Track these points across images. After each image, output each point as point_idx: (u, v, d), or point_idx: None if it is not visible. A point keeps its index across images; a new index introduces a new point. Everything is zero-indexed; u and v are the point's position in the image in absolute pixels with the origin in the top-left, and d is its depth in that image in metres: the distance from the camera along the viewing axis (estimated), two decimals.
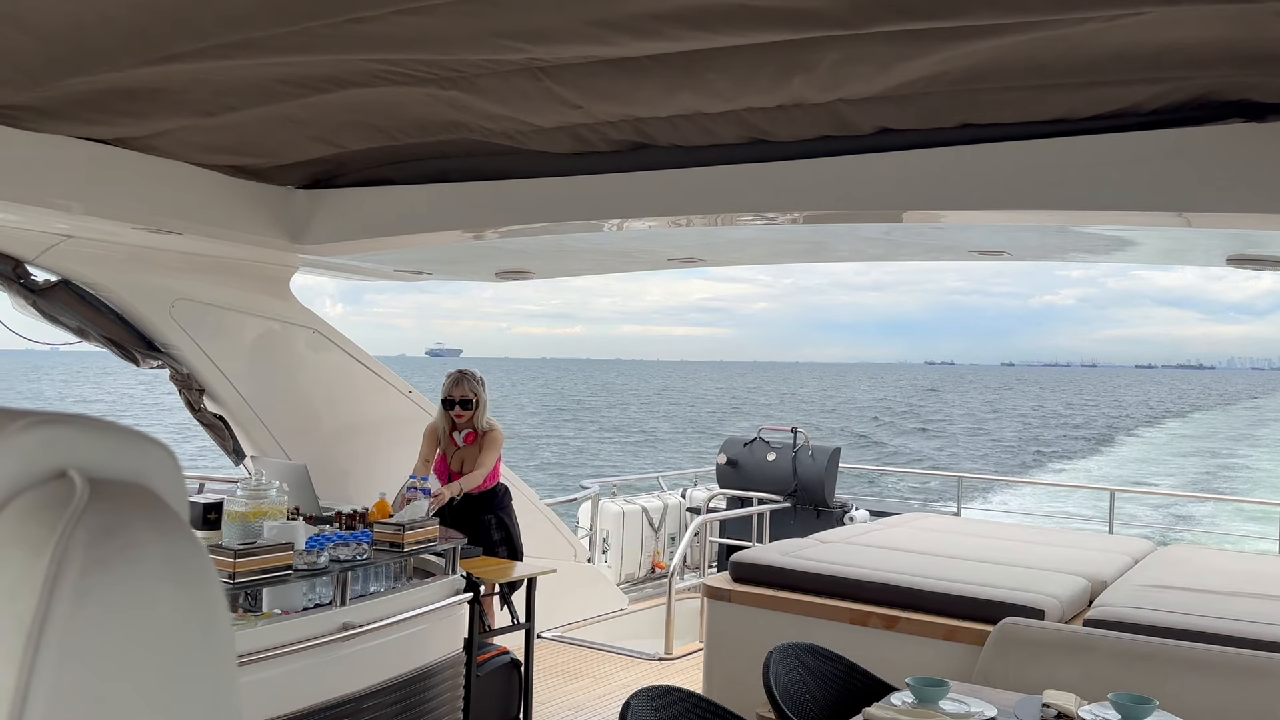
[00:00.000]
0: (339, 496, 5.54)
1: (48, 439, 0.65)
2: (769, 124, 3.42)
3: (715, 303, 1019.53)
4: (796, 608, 4.79)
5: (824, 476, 8.48)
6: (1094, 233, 3.89)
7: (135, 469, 0.68)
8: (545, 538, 6.99)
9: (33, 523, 0.60)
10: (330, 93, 3.31)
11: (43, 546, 0.58)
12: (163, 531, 0.64)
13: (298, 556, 3.82)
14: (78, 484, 0.63)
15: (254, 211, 4.61)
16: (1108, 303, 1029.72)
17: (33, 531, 0.60)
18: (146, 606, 0.60)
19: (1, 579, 0.58)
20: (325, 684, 3.75)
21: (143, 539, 0.62)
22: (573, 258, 5.46)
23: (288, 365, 5.97)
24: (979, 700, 3.20)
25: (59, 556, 0.58)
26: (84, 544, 0.59)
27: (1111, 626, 4.09)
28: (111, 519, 0.62)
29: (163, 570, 0.62)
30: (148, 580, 0.60)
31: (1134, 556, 5.56)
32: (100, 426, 0.68)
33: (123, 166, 4.00)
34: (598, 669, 6.26)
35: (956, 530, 6.34)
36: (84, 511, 0.61)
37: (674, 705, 3.07)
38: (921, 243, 4.33)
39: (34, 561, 0.58)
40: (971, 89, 3.02)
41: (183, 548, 0.64)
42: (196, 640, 0.62)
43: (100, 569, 0.59)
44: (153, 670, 0.59)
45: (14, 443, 0.64)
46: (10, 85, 3.20)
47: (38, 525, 0.60)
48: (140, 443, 0.70)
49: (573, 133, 3.68)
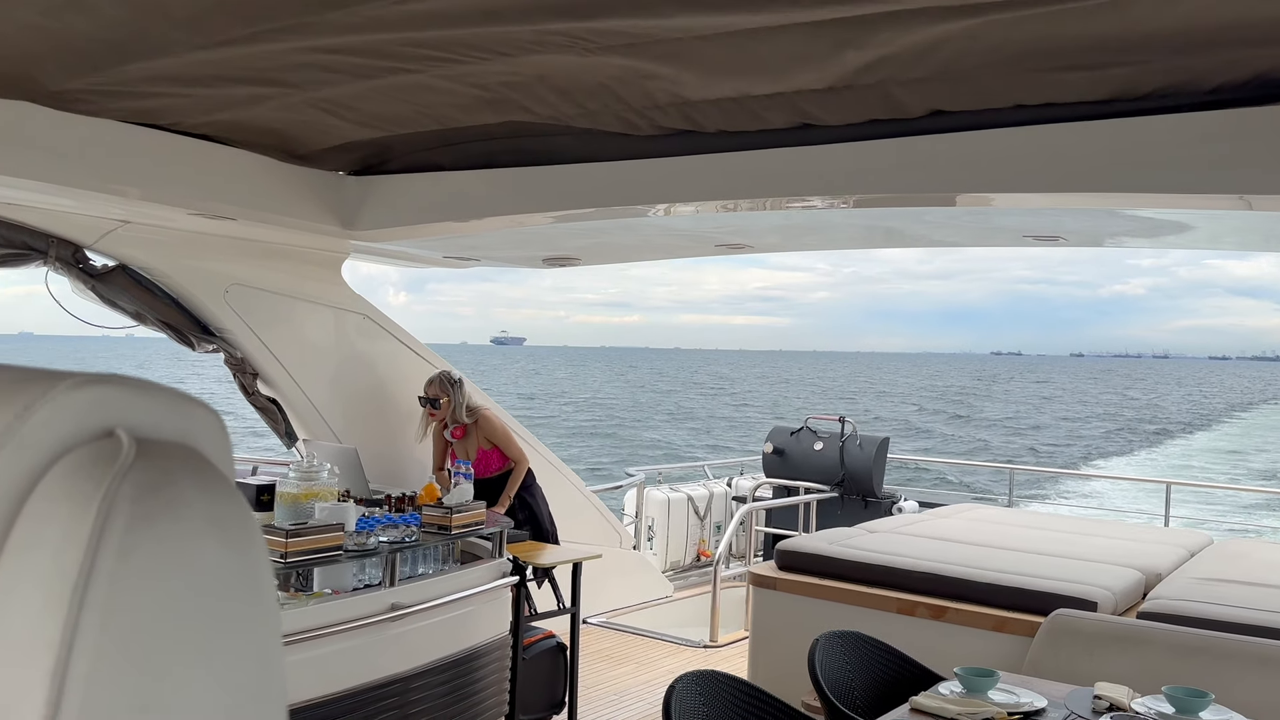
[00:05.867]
0: (389, 481, 5.60)
1: (96, 398, 0.66)
2: (818, 107, 3.38)
3: (774, 291, 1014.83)
4: (843, 596, 4.76)
5: (872, 466, 8.40)
6: (1150, 217, 3.81)
7: (182, 430, 0.69)
8: (591, 524, 7.02)
9: (80, 478, 0.61)
10: (380, 77, 3.34)
11: (88, 501, 0.59)
12: (208, 490, 0.64)
13: (348, 537, 3.88)
14: (124, 442, 0.63)
15: (306, 197, 4.67)
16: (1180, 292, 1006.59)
17: (79, 487, 0.60)
18: (191, 563, 0.60)
19: (48, 533, 0.59)
20: (374, 663, 3.80)
21: (188, 497, 0.63)
22: (620, 244, 5.46)
23: (339, 350, 6.04)
24: (1029, 691, 3.16)
25: (105, 511, 0.59)
26: (129, 499, 0.60)
27: (1166, 619, 4.01)
28: (157, 476, 0.62)
29: (207, 528, 0.62)
30: (192, 537, 0.61)
31: (1190, 550, 5.44)
32: (148, 387, 0.69)
33: (178, 152, 4.07)
34: (643, 655, 6.28)
35: (1007, 521, 6.26)
36: (130, 468, 0.61)
37: (719, 690, 3.07)
38: (974, 227, 4.26)
39: (80, 516, 0.59)
40: (1024, 68, 2.96)
41: (228, 507, 0.65)
42: (241, 599, 0.63)
43: (145, 525, 0.59)
44: (196, 626, 0.60)
45: (63, 401, 0.65)
46: (70, 71, 3.27)
47: (84, 480, 0.61)
48: (187, 405, 0.70)
49: (620, 117, 3.67)
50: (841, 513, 8.15)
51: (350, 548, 3.86)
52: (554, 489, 6.28)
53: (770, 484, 8.79)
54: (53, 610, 0.56)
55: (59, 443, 0.63)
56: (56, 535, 0.58)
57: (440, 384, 5.79)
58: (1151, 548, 5.36)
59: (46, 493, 0.61)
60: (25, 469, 0.62)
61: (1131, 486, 23.78)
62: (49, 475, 0.62)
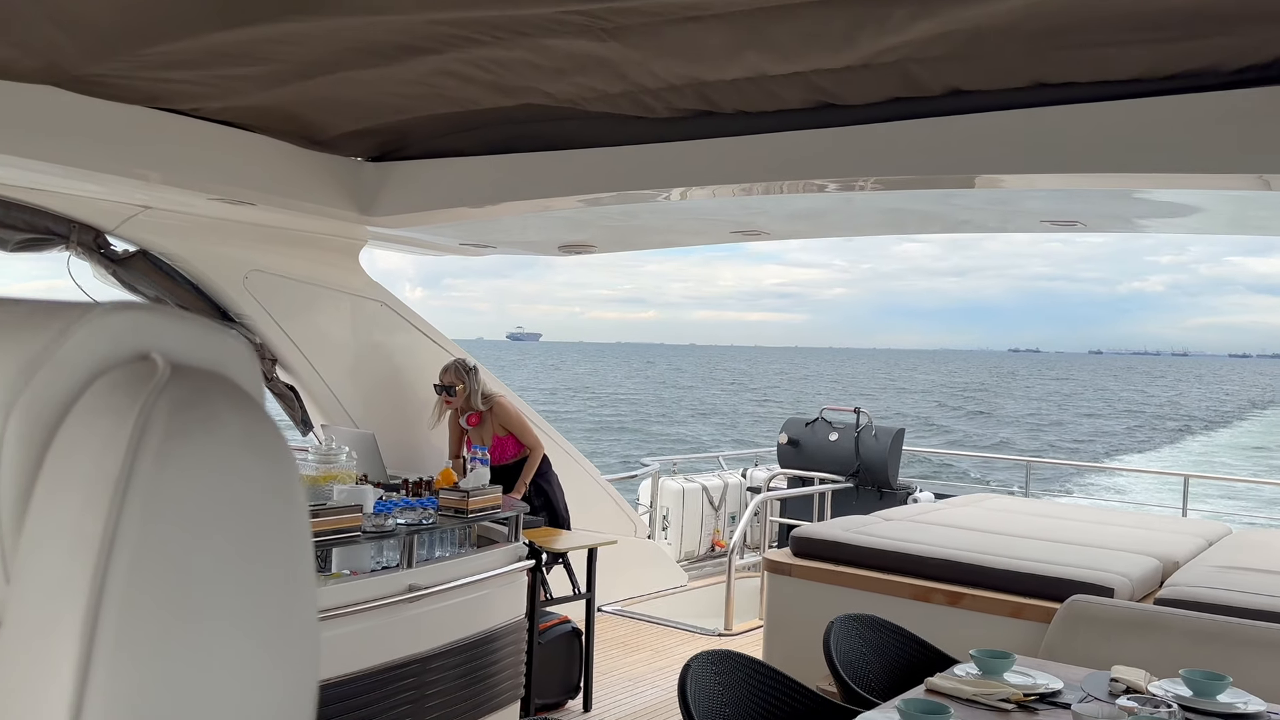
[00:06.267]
0: (406, 467, 5.63)
1: (132, 322, 0.67)
2: (836, 86, 3.37)
3: (790, 288, 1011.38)
4: (858, 583, 4.76)
5: (887, 457, 8.38)
6: (1170, 200, 3.79)
7: (214, 358, 0.70)
8: (606, 513, 7.04)
9: (117, 394, 0.63)
10: (399, 60, 3.36)
11: (126, 414, 0.61)
12: (242, 410, 0.66)
13: (366, 519, 3.91)
14: (159, 364, 0.65)
15: (324, 183, 4.70)
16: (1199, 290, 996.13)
17: (117, 401, 0.62)
18: (226, 474, 0.62)
19: (88, 442, 0.61)
20: (392, 644, 3.83)
21: (222, 413, 0.64)
22: (635, 230, 5.47)
23: (357, 337, 6.08)
24: (1044, 673, 3.16)
25: (142, 422, 0.60)
26: (166, 412, 0.61)
27: (1183, 606, 3.99)
28: (192, 394, 0.64)
29: (242, 442, 0.64)
30: (227, 449, 0.63)
31: (1208, 539, 5.42)
32: (181, 315, 0.70)
33: (198, 137, 4.10)
34: (657, 642, 6.30)
35: (1023, 510, 6.24)
36: (165, 386, 0.63)
37: (734, 669, 3.08)
38: (993, 211, 4.25)
39: (118, 426, 0.60)
40: (1045, 46, 2.94)
41: (261, 425, 0.66)
42: (275, 512, 0.64)
43: (181, 435, 0.61)
44: (233, 535, 0.61)
45: (100, 324, 0.67)
46: (91, 54, 3.30)
47: (122, 396, 0.62)
48: (219, 334, 0.72)
49: (636, 99, 3.68)
50: (856, 503, 8.13)
51: (368, 529, 3.89)
52: (569, 477, 6.30)
53: (785, 475, 8.79)
54: (94, 510, 0.57)
55: (95, 364, 0.65)
56: (96, 444, 0.60)
57: (456, 371, 5.82)
58: (1169, 536, 5.34)
59: (85, 407, 0.63)
60: (64, 387, 0.64)
61: (1154, 482, 23.62)
62: (87, 393, 0.64)
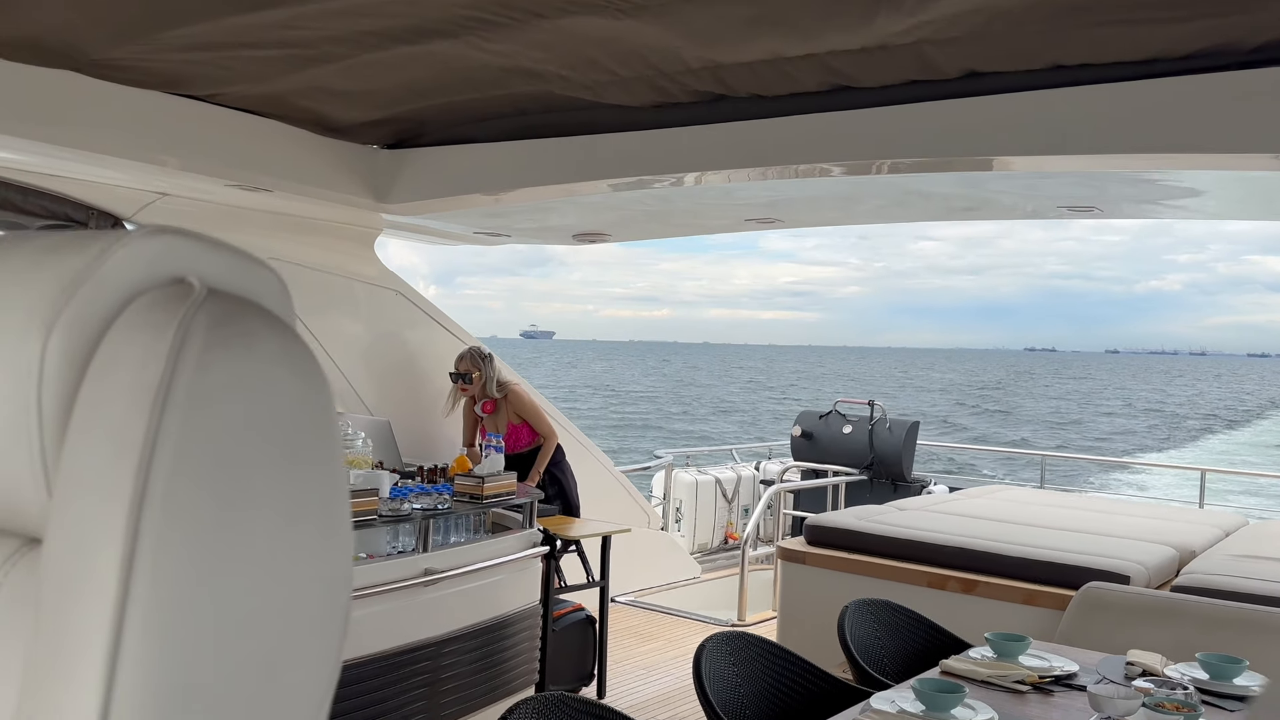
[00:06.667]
0: (421, 455, 5.65)
1: (169, 246, 0.69)
2: (852, 68, 3.37)
3: (803, 286, 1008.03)
4: (872, 570, 4.75)
5: (902, 450, 8.35)
6: (1187, 184, 3.77)
7: (248, 287, 0.72)
8: (619, 504, 7.05)
9: (156, 311, 0.64)
10: (414, 44, 3.37)
11: (165, 328, 0.62)
12: (277, 330, 0.67)
13: (382, 503, 3.93)
14: (196, 285, 0.67)
15: (340, 170, 4.72)
16: (1217, 289, 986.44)
17: (157, 317, 0.63)
18: (264, 386, 0.63)
19: (129, 355, 0.62)
20: (408, 627, 3.85)
21: (259, 330, 0.66)
22: (649, 218, 5.47)
23: (372, 326, 6.10)
24: (1060, 657, 3.15)
25: (181, 334, 0.61)
26: (204, 326, 0.63)
27: (1200, 593, 3.98)
28: (229, 313, 0.65)
29: (279, 358, 0.65)
30: (265, 363, 0.64)
31: (1225, 530, 5.40)
32: (215, 243, 0.71)
33: (216, 123, 4.13)
34: (670, 632, 6.30)
35: (1039, 501, 6.23)
36: (203, 304, 0.64)
37: (748, 650, 3.09)
38: (1010, 195, 4.23)
39: (158, 339, 0.61)
40: (1061, 26, 2.93)
41: (296, 345, 0.67)
42: (312, 418, 0.65)
43: (221, 347, 0.62)
44: (272, 435, 0.62)
45: (139, 247, 0.68)
46: (109, 39, 3.32)
47: (161, 312, 0.64)
48: (253, 263, 0.73)
49: (652, 83, 3.68)
50: (870, 496, 8.10)
51: (384, 513, 3.91)
52: (582, 468, 6.31)
53: (798, 468, 8.77)
54: (136, 414, 0.58)
55: (134, 284, 0.66)
56: (136, 355, 0.61)
57: (471, 359, 5.83)
58: (1186, 526, 5.32)
59: (125, 324, 0.64)
60: (103, 306, 0.65)
61: (1175, 479, 23.51)
62: (126, 311, 0.65)
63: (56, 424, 0.64)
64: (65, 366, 0.64)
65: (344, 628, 0.67)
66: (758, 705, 3.00)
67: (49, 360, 0.64)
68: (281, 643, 0.61)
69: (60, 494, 0.61)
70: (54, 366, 0.64)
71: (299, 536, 0.63)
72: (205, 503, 0.58)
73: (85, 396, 0.62)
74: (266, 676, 0.60)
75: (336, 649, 0.66)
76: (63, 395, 0.64)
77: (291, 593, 0.62)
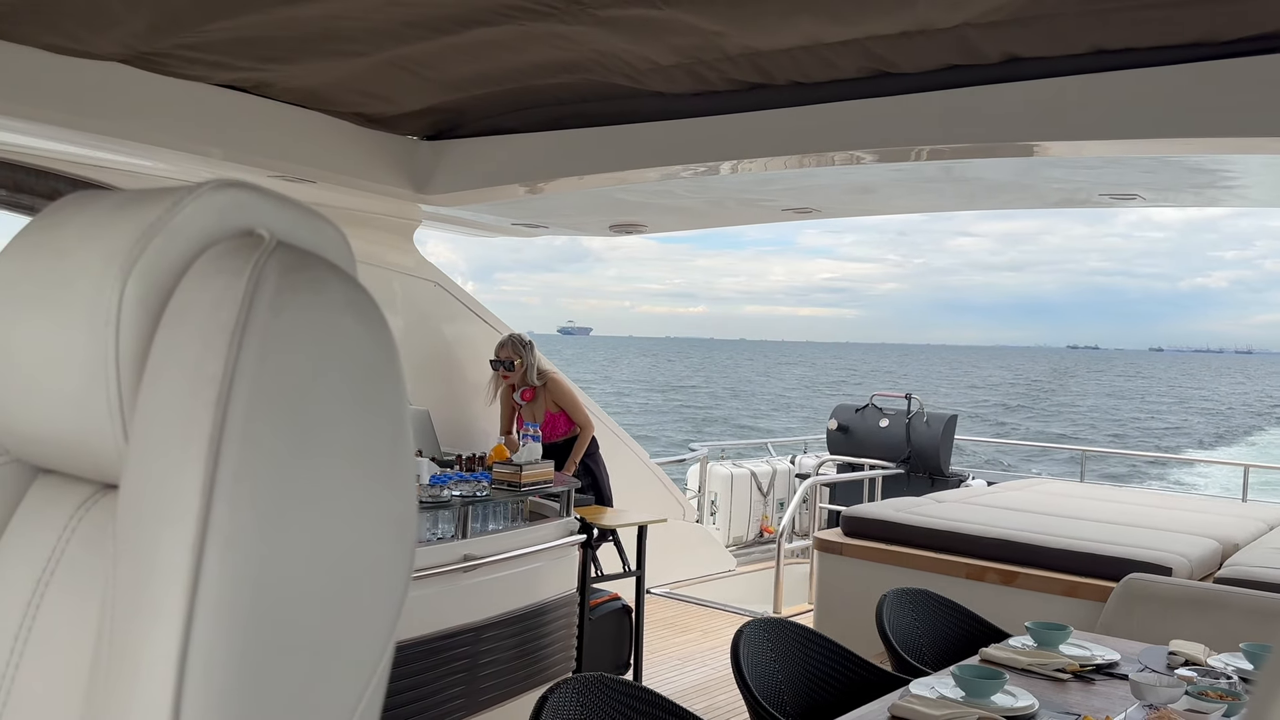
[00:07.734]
0: (458, 445, 5.70)
1: (238, 199, 0.71)
2: (892, 53, 3.35)
3: (841, 283, 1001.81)
4: (910, 562, 4.74)
5: (939, 444, 8.29)
6: (1230, 169, 3.72)
7: (314, 240, 0.74)
8: (655, 496, 7.06)
9: (229, 259, 0.66)
10: (455, 34, 3.39)
11: (239, 274, 0.64)
12: (343, 280, 0.69)
13: (422, 490, 3.97)
14: (266, 236, 0.69)
15: (382, 161, 4.77)
16: (1264, 285, 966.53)
17: (230, 264, 0.66)
18: (334, 331, 0.65)
19: (204, 299, 0.64)
20: (447, 613, 3.89)
21: (327, 279, 0.68)
22: (685, 209, 5.47)
23: (411, 317, 6.15)
24: (1101, 646, 3.13)
25: (254, 280, 0.64)
26: (277, 272, 0.65)
27: (1244, 585, 3.93)
28: (298, 261, 0.68)
29: (346, 306, 0.67)
30: (334, 310, 0.66)
31: (1269, 523, 5.32)
32: (283, 198, 0.74)
33: (260, 114, 4.18)
34: (706, 624, 6.31)
35: (1079, 494, 6.17)
36: (273, 254, 0.67)
37: (786, 636, 3.09)
38: (1051, 183, 4.20)
39: (232, 284, 0.64)
40: (1104, 9, 2.90)
41: (362, 295, 0.69)
42: (380, 363, 0.67)
43: (291, 291, 0.64)
44: (345, 375, 0.64)
45: (210, 199, 0.70)
46: (155, 30, 3.38)
47: (234, 259, 0.66)
48: (318, 218, 0.75)
49: (691, 71, 3.68)
50: (907, 490, 8.05)
51: (424, 500, 3.96)
52: (617, 460, 6.33)
53: (834, 461, 8.74)
54: (213, 353, 0.61)
55: (206, 234, 0.69)
56: (211, 299, 0.63)
57: (513, 346, 5.87)
58: (1228, 520, 5.25)
59: (200, 270, 0.66)
60: (177, 254, 0.68)
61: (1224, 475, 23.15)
62: (199, 259, 0.67)
63: (133, 370, 0.66)
64: (141, 313, 0.66)
65: (408, 570, 0.69)
66: (795, 691, 3.01)
67: (125, 308, 0.66)
68: (350, 579, 0.64)
69: (137, 434, 0.64)
70: (130, 314, 0.66)
71: (367, 477, 0.65)
72: (281, 439, 0.60)
73: (161, 341, 0.65)
74: (336, 609, 0.62)
75: (401, 590, 0.68)
76: (139, 341, 0.66)
77: (361, 530, 0.64)
